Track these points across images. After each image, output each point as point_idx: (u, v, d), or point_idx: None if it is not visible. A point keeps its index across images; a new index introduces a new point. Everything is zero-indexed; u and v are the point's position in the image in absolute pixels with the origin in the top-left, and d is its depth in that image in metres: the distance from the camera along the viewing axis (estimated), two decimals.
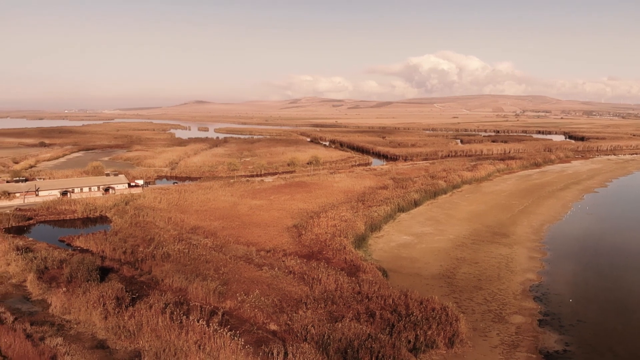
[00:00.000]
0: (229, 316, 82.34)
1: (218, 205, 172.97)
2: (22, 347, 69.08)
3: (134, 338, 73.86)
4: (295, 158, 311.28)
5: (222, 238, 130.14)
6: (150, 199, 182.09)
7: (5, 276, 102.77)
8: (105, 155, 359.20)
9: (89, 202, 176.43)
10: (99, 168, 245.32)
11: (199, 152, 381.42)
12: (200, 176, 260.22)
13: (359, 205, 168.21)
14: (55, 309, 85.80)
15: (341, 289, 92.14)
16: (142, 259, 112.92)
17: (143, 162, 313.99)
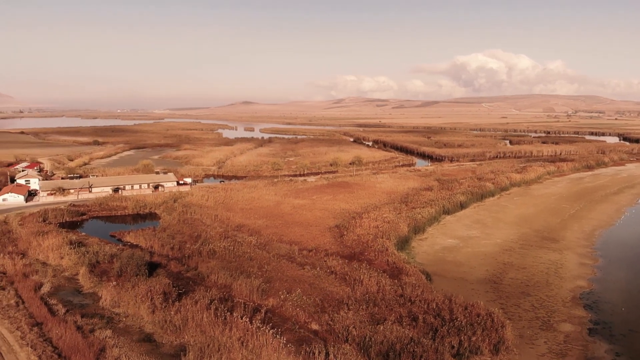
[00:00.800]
0: (271, 314, 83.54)
1: (262, 204, 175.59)
2: (73, 339, 72.46)
3: (179, 332, 76.13)
4: (338, 158, 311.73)
5: (266, 236, 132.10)
6: (197, 196, 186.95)
7: (59, 269, 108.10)
8: (155, 154, 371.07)
9: (139, 199, 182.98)
10: (149, 166, 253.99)
11: (244, 151, 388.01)
12: (246, 175, 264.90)
13: (402, 207, 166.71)
14: (105, 302, 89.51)
15: (383, 291, 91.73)
16: (189, 255, 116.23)
17: (191, 160, 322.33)
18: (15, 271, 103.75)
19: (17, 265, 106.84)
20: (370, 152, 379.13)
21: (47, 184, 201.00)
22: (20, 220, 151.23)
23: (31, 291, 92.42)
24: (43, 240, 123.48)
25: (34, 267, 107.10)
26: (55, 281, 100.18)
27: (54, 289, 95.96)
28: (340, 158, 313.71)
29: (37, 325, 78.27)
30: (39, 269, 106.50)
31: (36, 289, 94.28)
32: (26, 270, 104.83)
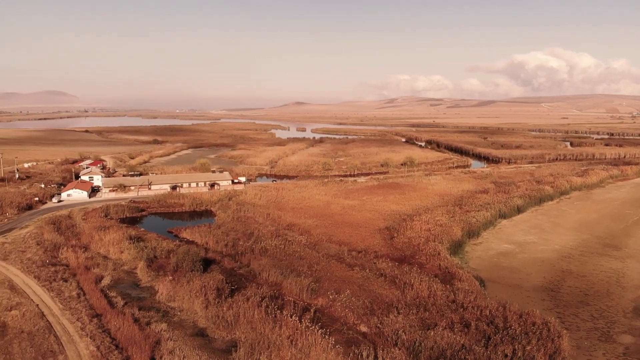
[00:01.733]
0: (320, 314, 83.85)
1: (312, 204, 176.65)
2: (130, 331, 75.55)
3: (231, 328, 77.80)
4: (389, 159, 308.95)
5: (316, 236, 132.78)
6: (251, 195, 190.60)
7: (119, 263, 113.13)
8: (211, 153, 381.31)
9: (195, 197, 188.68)
10: (205, 165, 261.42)
11: (296, 151, 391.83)
12: (297, 175, 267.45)
13: (455, 210, 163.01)
14: (161, 296, 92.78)
15: (434, 296, 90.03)
16: (242, 252, 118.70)
17: (246, 160, 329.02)
18: (77, 264, 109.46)
19: (80, 259, 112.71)
20: (423, 153, 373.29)
21: (109, 181, 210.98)
22: (84, 215, 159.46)
23: (92, 283, 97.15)
24: (104, 235, 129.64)
25: (95, 261, 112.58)
26: (115, 274, 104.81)
27: (113, 282, 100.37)
28: (392, 159, 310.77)
29: (96, 316, 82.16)
30: (100, 262, 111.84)
31: (97, 282, 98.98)
32: (88, 263, 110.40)
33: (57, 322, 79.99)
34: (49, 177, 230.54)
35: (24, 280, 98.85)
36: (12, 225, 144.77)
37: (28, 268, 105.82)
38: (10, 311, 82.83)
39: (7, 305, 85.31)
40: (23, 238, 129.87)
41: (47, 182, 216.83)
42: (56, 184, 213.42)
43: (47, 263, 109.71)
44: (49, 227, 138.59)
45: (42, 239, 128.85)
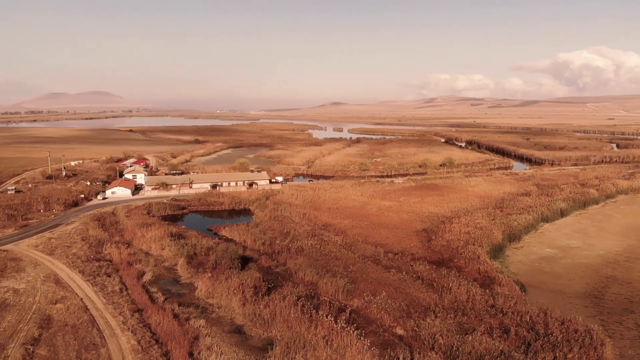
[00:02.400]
0: (356, 315, 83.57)
1: (348, 204, 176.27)
2: (169, 326, 77.37)
3: (267, 326, 78.55)
4: (427, 159, 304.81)
5: (352, 237, 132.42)
6: (287, 195, 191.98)
7: (160, 259, 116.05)
8: (250, 153, 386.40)
9: (234, 196, 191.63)
10: (244, 164, 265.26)
11: (332, 151, 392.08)
12: (333, 175, 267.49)
13: (496, 212, 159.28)
14: (200, 293, 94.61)
15: (473, 301, 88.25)
16: (279, 251, 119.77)
17: (283, 160, 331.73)
18: (120, 260, 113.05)
19: (123, 254, 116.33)
20: (463, 154, 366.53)
21: (152, 179, 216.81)
22: (127, 212, 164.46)
23: (134, 279, 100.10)
24: (147, 232, 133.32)
25: (137, 257, 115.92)
26: (156, 270, 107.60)
27: (154, 278, 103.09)
28: (430, 159, 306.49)
29: (137, 311, 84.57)
30: (142, 258, 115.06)
31: (139, 277, 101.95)
32: (130, 259, 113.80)
33: (100, 316, 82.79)
34: (94, 175, 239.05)
35: (69, 274, 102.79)
36: (59, 221, 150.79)
37: (73, 263, 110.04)
38: (56, 304, 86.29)
39: (52, 299, 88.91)
40: (69, 234, 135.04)
41: (93, 179, 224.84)
42: (101, 182, 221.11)
43: (91, 258, 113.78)
44: (94, 224, 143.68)
45: (87, 234, 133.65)
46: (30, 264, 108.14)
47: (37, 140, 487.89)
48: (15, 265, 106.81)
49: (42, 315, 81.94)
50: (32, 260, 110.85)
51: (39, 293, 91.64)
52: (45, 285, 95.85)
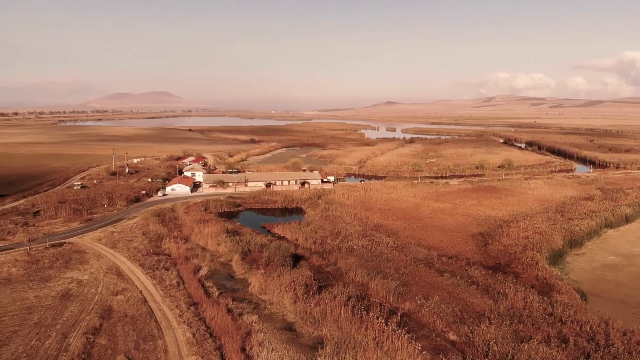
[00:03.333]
0: (407, 318, 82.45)
1: (401, 205, 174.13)
2: (223, 320, 79.24)
3: (318, 325, 78.90)
4: (484, 160, 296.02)
5: (404, 238, 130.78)
6: (339, 194, 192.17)
7: (216, 255, 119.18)
8: (303, 153, 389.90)
9: (287, 194, 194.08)
10: (297, 164, 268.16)
11: (385, 151, 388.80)
12: (385, 175, 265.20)
13: (557, 217, 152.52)
14: (253, 289, 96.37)
15: (530, 308, 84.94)
16: (329, 251, 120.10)
17: (335, 160, 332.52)
18: (178, 254, 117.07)
19: (181, 249, 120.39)
20: (523, 155, 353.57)
21: (210, 177, 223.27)
22: (186, 208, 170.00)
23: (191, 273, 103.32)
24: (204, 228, 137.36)
25: (194, 252, 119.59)
26: (212, 265, 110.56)
27: (210, 273, 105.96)
28: (488, 160, 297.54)
29: (193, 305, 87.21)
30: (199, 253, 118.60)
31: (195, 272, 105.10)
32: (188, 254, 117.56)
33: (157, 308, 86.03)
34: (155, 172, 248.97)
35: (129, 267, 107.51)
36: (121, 215, 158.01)
37: (134, 256, 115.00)
38: (116, 296, 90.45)
39: (113, 290, 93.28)
40: (130, 228, 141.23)
41: (154, 176, 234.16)
42: (161, 179, 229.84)
43: (151, 252, 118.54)
44: (154, 219, 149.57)
45: (148, 229, 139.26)
46: (93, 257, 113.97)
47: (102, 138, 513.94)
48: (80, 257, 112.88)
49: (103, 306, 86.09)
50: (96, 253, 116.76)
51: (101, 284, 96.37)
52: (107, 277, 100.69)
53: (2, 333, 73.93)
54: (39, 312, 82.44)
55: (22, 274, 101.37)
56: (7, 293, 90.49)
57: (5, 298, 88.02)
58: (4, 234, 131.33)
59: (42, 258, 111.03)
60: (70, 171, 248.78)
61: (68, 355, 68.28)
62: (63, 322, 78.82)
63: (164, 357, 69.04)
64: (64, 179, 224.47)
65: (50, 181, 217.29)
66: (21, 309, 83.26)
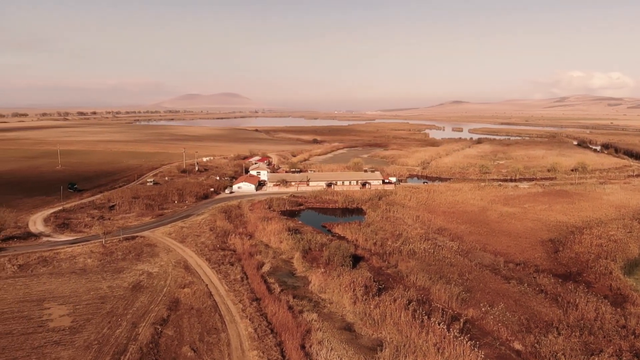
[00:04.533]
0: (470, 325, 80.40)
1: (466, 209, 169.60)
2: (284, 317, 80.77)
3: (377, 327, 78.65)
4: (557, 163, 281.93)
5: (468, 243, 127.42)
6: (401, 196, 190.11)
7: (278, 252, 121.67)
8: (364, 153, 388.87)
9: (348, 195, 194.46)
10: (358, 164, 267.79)
11: (450, 152, 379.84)
12: (450, 177, 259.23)
13: (633, 225, 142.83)
14: (313, 287, 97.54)
15: (602, 320, 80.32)
16: (390, 253, 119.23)
17: (397, 160, 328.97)
18: (243, 250, 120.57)
19: (245, 245, 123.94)
20: (598, 158, 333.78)
21: (274, 176, 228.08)
22: (251, 206, 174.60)
23: (254, 269, 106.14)
24: (267, 225, 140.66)
25: (258, 248, 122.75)
26: (274, 262, 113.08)
27: (272, 269, 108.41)
28: (560, 163, 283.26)
29: (256, 300, 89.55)
30: (262, 250, 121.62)
31: (258, 268, 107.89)
32: (252, 250, 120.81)
33: (222, 302, 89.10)
34: (223, 171, 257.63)
35: (197, 261, 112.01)
36: (191, 211, 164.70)
37: (201, 251, 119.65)
38: (184, 289, 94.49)
39: (181, 283, 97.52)
40: (199, 224, 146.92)
41: (221, 175, 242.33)
42: (229, 177, 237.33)
43: (217, 247, 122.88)
44: (221, 215, 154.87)
45: (215, 225, 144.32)
46: (163, 250, 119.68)
47: (174, 137, 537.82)
48: (151, 251, 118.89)
49: (171, 297, 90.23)
50: (166, 247, 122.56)
51: (169, 277, 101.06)
52: (176, 270, 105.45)
53: (76, 321, 79.10)
54: (111, 301, 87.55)
55: (97, 265, 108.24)
56: (83, 283, 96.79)
57: (80, 287, 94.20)
58: (82, 226, 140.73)
59: (115, 250, 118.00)
60: (144, 168, 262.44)
61: (137, 344, 72.04)
62: (133, 312, 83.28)
63: (226, 351, 71.44)
64: (138, 175, 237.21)
65: (125, 177, 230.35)
66: (95, 299, 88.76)
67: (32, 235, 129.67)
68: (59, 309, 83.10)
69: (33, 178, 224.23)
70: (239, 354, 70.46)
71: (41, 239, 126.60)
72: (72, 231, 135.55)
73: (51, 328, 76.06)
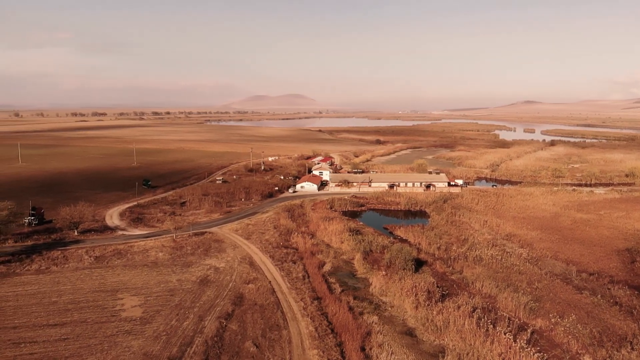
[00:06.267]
0: (538, 336, 77.08)
1: (537, 214, 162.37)
2: (344, 318, 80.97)
3: (439, 333, 77.17)
4: (636, 168, 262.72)
5: (539, 250, 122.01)
6: (467, 199, 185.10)
7: (339, 252, 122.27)
8: (429, 154, 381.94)
9: (411, 197, 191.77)
10: (423, 165, 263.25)
11: (522, 155, 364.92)
12: (521, 181, 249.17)
13: None
14: (374, 289, 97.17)
15: None
16: (455, 258, 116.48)
17: (464, 162, 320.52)
18: (305, 249, 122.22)
19: (307, 244, 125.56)
20: None
21: (336, 177, 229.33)
22: (313, 205, 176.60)
23: (315, 268, 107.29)
24: (329, 225, 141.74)
25: (319, 247, 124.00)
26: (335, 262, 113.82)
27: (333, 269, 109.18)
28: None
29: (316, 299, 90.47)
30: (323, 249, 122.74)
31: (319, 267, 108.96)
32: (313, 249, 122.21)
33: (284, 299, 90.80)
34: (287, 170, 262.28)
35: (261, 258, 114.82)
36: (256, 209, 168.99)
37: (265, 248, 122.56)
38: (248, 284, 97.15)
39: (246, 279, 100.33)
40: (263, 221, 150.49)
41: (285, 174, 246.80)
42: (292, 177, 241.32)
43: (280, 245, 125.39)
44: (284, 214, 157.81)
45: (278, 223, 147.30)
46: (230, 246, 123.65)
47: (241, 137, 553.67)
48: (218, 246, 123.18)
49: (236, 293, 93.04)
50: (232, 243, 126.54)
51: (235, 272, 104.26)
52: (241, 266, 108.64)
53: (147, 312, 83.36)
54: (180, 294, 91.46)
55: (168, 258, 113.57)
56: (154, 275, 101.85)
57: (151, 280, 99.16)
58: (154, 221, 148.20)
59: (185, 245, 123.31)
60: (214, 167, 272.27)
61: (202, 337, 74.83)
62: (200, 306, 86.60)
63: (287, 348, 72.77)
64: (208, 173, 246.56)
65: (196, 175, 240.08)
66: (165, 291, 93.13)
67: (108, 229, 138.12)
68: (131, 300, 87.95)
69: (111, 174, 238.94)
70: (300, 352, 71.55)
71: (117, 233, 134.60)
72: (146, 225, 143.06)
73: (123, 318, 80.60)
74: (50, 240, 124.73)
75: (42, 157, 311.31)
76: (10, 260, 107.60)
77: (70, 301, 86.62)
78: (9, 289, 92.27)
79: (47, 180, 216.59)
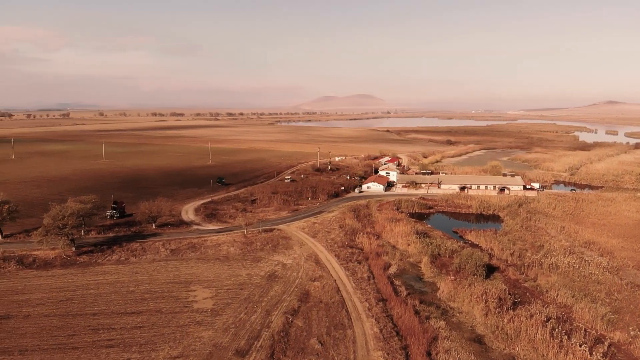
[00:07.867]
0: (616, 349, 72.46)
1: (619, 221, 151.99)
2: (410, 321, 79.86)
3: (510, 342, 74.38)
4: None
5: (620, 259, 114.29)
6: (544, 204, 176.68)
7: (405, 254, 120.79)
8: (504, 155, 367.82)
9: (483, 200, 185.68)
10: (496, 168, 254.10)
11: (603, 158, 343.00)
12: (602, 185, 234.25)
13: None
14: (442, 294, 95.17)
15: None
16: (528, 265, 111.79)
17: (541, 164, 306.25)
18: (370, 249, 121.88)
19: (372, 245, 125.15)
20: None
21: (403, 177, 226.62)
22: (379, 206, 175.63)
23: (380, 269, 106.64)
24: (395, 226, 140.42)
25: (385, 249, 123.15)
26: (401, 264, 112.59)
27: (399, 271, 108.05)
28: None
29: (381, 300, 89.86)
30: (389, 251, 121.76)
31: (385, 268, 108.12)
32: (379, 250, 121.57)
33: (349, 298, 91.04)
34: (353, 170, 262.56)
35: (326, 256, 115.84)
36: (322, 208, 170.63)
37: (330, 247, 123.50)
38: (314, 282, 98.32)
39: (312, 276, 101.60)
40: (329, 221, 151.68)
41: (352, 174, 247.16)
42: (358, 177, 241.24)
43: (345, 244, 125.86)
44: (350, 214, 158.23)
45: (344, 223, 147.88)
46: (297, 243, 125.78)
47: (310, 137, 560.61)
48: (286, 243, 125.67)
49: (302, 289, 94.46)
50: (299, 240, 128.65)
51: (301, 269, 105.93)
52: (307, 263, 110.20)
53: (217, 304, 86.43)
54: (249, 289, 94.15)
55: (238, 253, 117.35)
56: (225, 269, 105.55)
57: (223, 273, 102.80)
58: (227, 217, 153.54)
59: (255, 241, 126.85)
60: (283, 166, 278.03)
61: (269, 331, 76.54)
62: (267, 301, 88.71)
63: (352, 348, 72.90)
64: (277, 172, 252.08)
65: (266, 174, 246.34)
66: (235, 285, 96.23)
67: (184, 223, 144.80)
68: (203, 292, 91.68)
69: (187, 172, 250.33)
70: (364, 352, 71.48)
71: (191, 227, 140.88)
72: (219, 221, 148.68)
73: (195, 309, 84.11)
74: (130, 233, 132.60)
75: (124, 154, 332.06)
76: (92, 250, 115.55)
77: (147, 291, 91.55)
78: (90, 277, 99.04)
79: (128, 177, 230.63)
